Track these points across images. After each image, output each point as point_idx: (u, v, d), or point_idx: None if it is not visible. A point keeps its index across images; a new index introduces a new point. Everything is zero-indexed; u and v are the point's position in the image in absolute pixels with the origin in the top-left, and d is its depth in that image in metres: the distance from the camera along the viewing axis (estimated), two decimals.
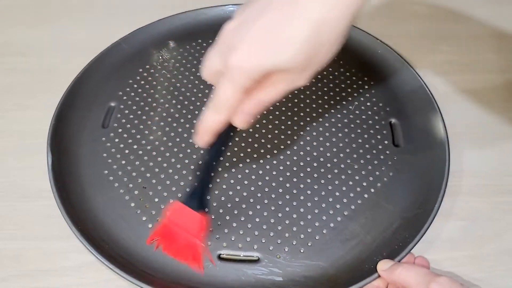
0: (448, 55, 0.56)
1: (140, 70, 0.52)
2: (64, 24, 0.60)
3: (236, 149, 0.45)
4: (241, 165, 0.44)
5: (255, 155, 0.45)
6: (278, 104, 0.49)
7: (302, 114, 0.48)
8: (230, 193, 0.42)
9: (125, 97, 0.49)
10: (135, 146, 0.45)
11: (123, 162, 0.44)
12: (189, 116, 0.48)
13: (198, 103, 0.49)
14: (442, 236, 0.41)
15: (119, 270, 0.36)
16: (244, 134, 0.46)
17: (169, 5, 0.58)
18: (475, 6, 0.62)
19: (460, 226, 0.42)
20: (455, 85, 0.53)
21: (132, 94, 0.50)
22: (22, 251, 0.40)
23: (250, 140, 0.46)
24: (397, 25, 0.59)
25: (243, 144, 0.46)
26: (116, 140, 0.46)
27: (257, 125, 0.47)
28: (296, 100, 0.49)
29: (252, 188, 0.43)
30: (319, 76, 0.52)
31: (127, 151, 0.45)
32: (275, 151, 0.45)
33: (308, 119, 0.48)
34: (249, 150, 0.45)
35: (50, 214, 0.41)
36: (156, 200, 0.42)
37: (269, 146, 0.46)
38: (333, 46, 0.31)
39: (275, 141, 0.46)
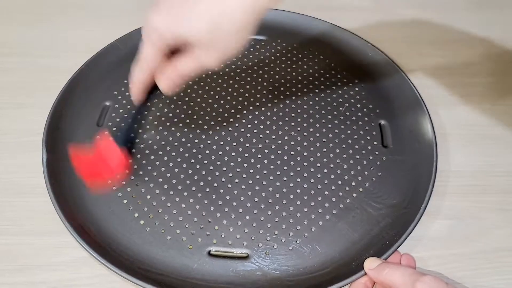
0: (437, 58, 0.57)
1: None
2: (61, 24, 0.60)
3: (227, 148, 0.46)
4: (232, 163, 0.45)
5: (246, 154, 0.46)
6: (269, 104, 0.50)
7: (293, 114, 0.49)
8: (221, 191, 0.43)
9: (120, 97, 0.50)
10: (128, 144, 0.46)
11: None
12: (183, 116, 0.49)
13: (192, 103, 0.50)
14: (429, 234, 0.42)
15: (111, 265, 0.37)
16: (236, 134, 0.47)
17: None
18: (463, 11, 0.63)
19: (447, 225, 0.43)
20: (443, 87, 0.54)
21: (127, 94, 0.50)
22: (16, 246, 0.41)
23: (241, 139, 0.47)
24: (387, 29, 0.60)
25: (234, 144, 0.46)
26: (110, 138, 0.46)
27: (249, 125, 0.48)
28: (287, 101, 0.50)
29: (243, 187, 0.43)
30: (311, 78, 0.53)
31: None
32: (266, 151, 0.46)
33: (299, 119, 0.49)
34: (240, 149, 0.46)
35: (44, 210, 0.42)
36: (148, 197, 0.42)
37: (260, 145, 0.46)
38: (234, 35, 0.34)
39: (266, 141, 0.47)
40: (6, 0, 0.63)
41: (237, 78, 0.53)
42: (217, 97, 0.51)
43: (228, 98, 0.51)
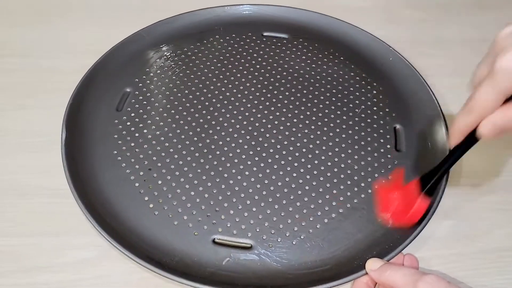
0: (440, 59, 0.56)
1: (158, 60, 0.54)
2: (62, 24, 0.61)
3: (240, 141, 0.47)
4: (243, 156, 0.46)
5: (258, 148, 0.46)
6: (286, 101, 0.50)
7: (308, 112, 0.49)
8: (231, 181, 0.44)
9: (140, 84, 0.52)
10: (145, 131, 0.47)
11: (132, 144, 0.46)
12: (199, 106, 0.50)
13: (210, 95, 0.51)
14: (430, 234, 0.42)
15: (114, 241, 0.38)
16: (250, 128, 0.48)
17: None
18: (468, 10, 0.63)
19: (450, 225, 0.43)
20: (444, 87, 0.53)
21: (148, 82, 0.52)
22: (19, 247, 0.41)
23: (255, 133, 0.47)
24: (389, 29, 0.60)
25: (248, 137, 0.47)
26: (128, 123, 0.48)
27: (263, 120, 0.49)
28: (304, 99, 0.51)
29: (252, 179, 0.44)
30: (329, 78, 0.53)
31: (137, 134, 0.47)
32: (278, 146, 0.46)
33: (313, 118, 0.49)
34: (253, 143, 0.47)
35: (45, 212, 0.42)
36: (160, 182, 0.43)
37: (273, 140, 0.47)
38: None
39: (279, 137, 0.47)
40: (7, 1, 0.63)
41: (256, 73, 0.53)
42: (235, 90, 0.51)
43: (246, 92, 0.51)
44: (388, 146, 0.47)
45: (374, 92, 0.52)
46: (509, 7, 0.63)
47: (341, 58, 0.55)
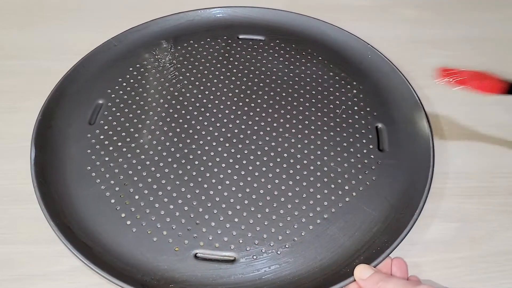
0: (437, 58, 0.55)
1: (130, 69, 0.52)
2: (56, 26, 0.60)
3: (220, 149, 0.45)
4: (223, 165, 0.44)
5: (238, 156, 0.45)
6: (265, 105, 0.49)
7: (288, 116, 0.48)
8: (211, 192, 0.42)
9: (113, 95, 0.50)
10: (119, 144, 0.45)
11: (107, 158, 0.44)
12: (176, 115, 0.48)
13: (186, 103, 0.49)
14: (434, 238, 0.41)
15: (92, 264, 0.36)
16: (229, 135, 0.46)
17: (161, 8, 0.58)
18: (464, 10, 0.62)
19: (453, 228, 0.42)
20: (444, 88, 0.52)
21: (121, 92, 0.50)
22: (12, 255, 0.40)
23: (234, 140, 0.46)
24: (387, 29, 0.59)
25: (227, 145, 0.46)
26: (101, 137, 0.46)
27: (242, 126, 0.47)
28: (283, 102, 0.49)
29: (233, 188, 0.43)
30: (308, 79, 0.52)
31: (111, 148, 0.45)
32: (259, 152, 0.45)
33: (294, 121, 0.48)
34: (232, 150, 0.45)
35: (41, 218, 0.40)
36: (136, 197, 0.42)
37: (253, 147, 0.46)
38: None
39: (259, 142, 0.46)
40: (3, 2, 0.62)
41: (233, 78, 0.52)
42: (212, 97, 0.50)
43: (223, 98, 0.50)
44: (371, 146, 0.46)
45: (354, 91, 0.51)
46: (506, 7, 0.63)
47: (320, 58, 0.54)
